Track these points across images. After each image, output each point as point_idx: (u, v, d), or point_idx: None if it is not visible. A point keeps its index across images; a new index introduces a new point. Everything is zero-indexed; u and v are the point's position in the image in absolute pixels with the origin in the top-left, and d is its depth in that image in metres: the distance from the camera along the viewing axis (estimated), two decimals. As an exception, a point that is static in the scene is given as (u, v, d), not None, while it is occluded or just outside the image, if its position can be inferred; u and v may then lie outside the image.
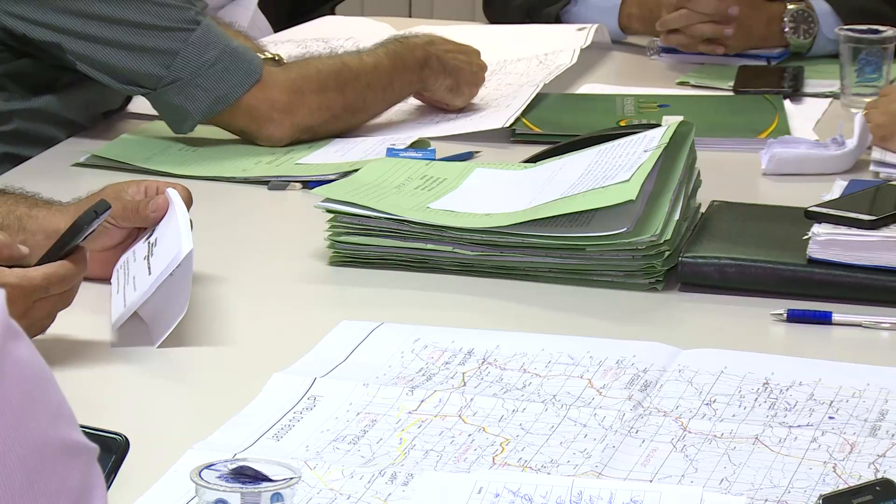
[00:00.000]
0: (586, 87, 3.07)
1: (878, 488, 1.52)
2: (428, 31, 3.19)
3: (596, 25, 3.22)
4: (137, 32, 2.58)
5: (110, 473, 1.41)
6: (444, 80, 2.80)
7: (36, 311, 1.93)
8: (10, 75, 2.63)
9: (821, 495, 1.53)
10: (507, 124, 2.77)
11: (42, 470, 1.10)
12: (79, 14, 2.57)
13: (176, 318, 2.02)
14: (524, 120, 2.80)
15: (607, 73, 3.18)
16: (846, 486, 1.74)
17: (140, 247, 2.10)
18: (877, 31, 2.95)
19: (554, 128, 2.76)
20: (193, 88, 2.59)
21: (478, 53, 2.89)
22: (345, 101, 2.70)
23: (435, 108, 2.84)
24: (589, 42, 3.16)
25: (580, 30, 3.20)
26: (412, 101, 2.88)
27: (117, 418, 1.46)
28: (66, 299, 1.98)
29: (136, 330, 2.04)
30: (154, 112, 2.73)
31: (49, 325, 1.96)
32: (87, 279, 2.02)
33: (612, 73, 3.18)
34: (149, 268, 2.03)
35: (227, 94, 2.60)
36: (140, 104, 2.78)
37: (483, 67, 2.87)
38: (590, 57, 3.17)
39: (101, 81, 2.63)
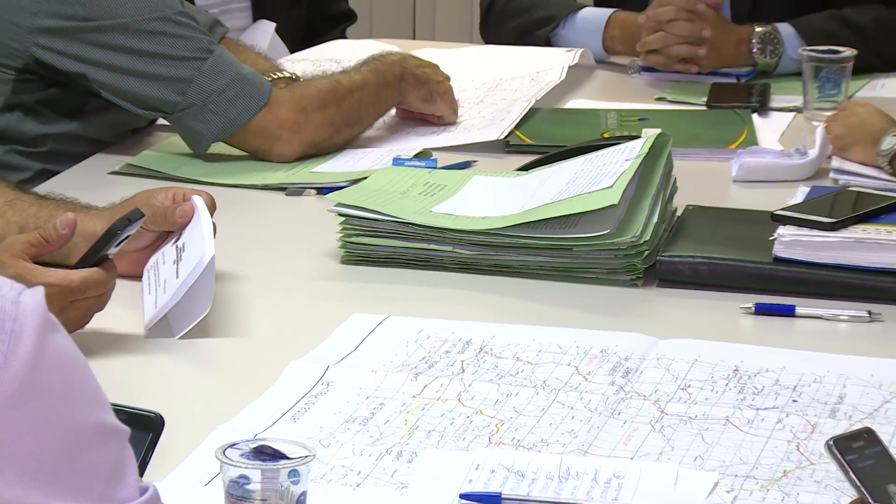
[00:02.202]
0: (573, 103, 3.07)
1: (865, 435, 1.52)
2: (428, 52, 3.20)
3: (582, 49, 3.21)
4: (155, 62, 2.58)
5: (150, 447, 1.41)
6: (418, 91, 2.81)
7: (72, 310, 1.93)
8: (42, 102, 2.63)
9: (829, 439, 1.53)
10: (502, 136, 2.77)
11: (79, 449, 1.09)
12: (102, 46, 2.57)
13: (200, 314, 2.03)
14: (517, 132, 2.80)
15: (592, 90, 3.17)
16: (812, 462, 1.73)
17: (168, 249, 2.10)
18: (836, 52, 2.95)
19: (544, 139, 2.76)
20: (207, 113, 2.59)
21: (438, 67, 2.90)
22: (343, 116, 2.70)
23: (425, 122, 2.83)
24: (576, 61, 3.16)
25: (568, 51, 3.20)
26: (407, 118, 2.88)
27: (150, 402, 1.45)
28: (100, 303, 1.98)
29: (166, 324, 2.05)
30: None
31: (84, 325, 1.97)
32: (121, 276, 2.02)
33: (597, 90, 3.18)
34: (177, 272, 2.04)
35: (237, 118, 2.60)
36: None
37: (447, 78, 2.88)
38: (576, 75, 3.17)
39: (124, 107, 2.63)
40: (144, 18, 2.58)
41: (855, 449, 1.46)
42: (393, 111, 2.87)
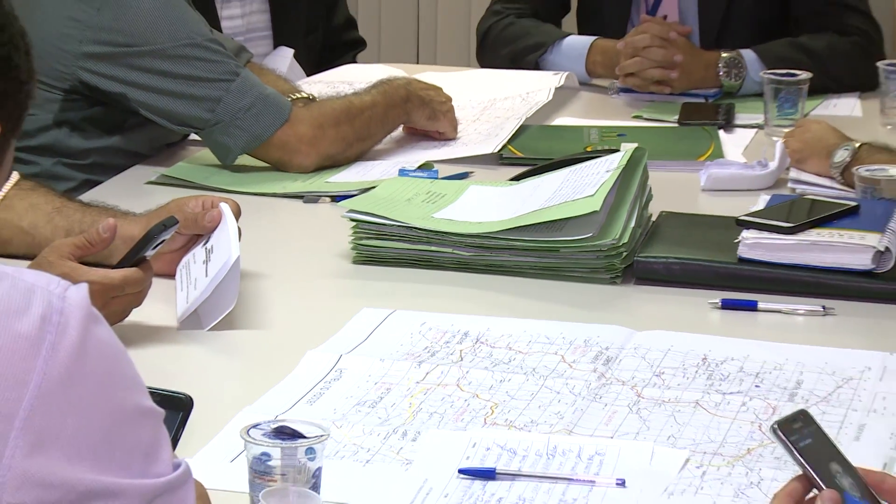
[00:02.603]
0: (560, 120, 3.06)
1: (801, 417, 1.52)
2: (431, 75, 3.20)
3: (567, 73, 3.21)
4: (188, 84, 2.58)
5: (181, 425, 1.41)
6: (423, 110, 2.81)
7: (113, 305, 1.93)
8: (87, 119, 2.63)
9: (774, 423, 1.53)
10: (496, 150, 2.76)
11: (120, 429, 1.09)
12: (141, 69, 2.57)
13: (227, 308, 2.03)
14: (510, 146, 2.80)
15: (576, 109, 3.17)
16: (772, 441, 1.73)
17: (199, 251, 2.10)
18: (794, 75, 2.95)
19: (534, 153, 2.76)
20: (234, 129, 2.59)
21: (441, 89, 2.90)
22: (355, 132, 2.70)
23: (428, 137, 2.83)
24: (561, 83, 3.16)
25: (555, 74, 3.20)
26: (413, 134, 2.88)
27: (181, 387, 1.45)
28: (138, 298, 1.98)
29: (196, 317, 2.05)
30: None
31: (124, 318, 1.97)
32: (156, 275, 2.02)
33: (580, 109, 3.17)
34: (206, 271, 2.05)
35: (261, 133, 2.60)
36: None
37: (449, 99, 2.88)
38: (562, 95, 3.16)
39: (160, 124, 2.63)
40: (179, 44, 2.58)
41: (795, 430, 1.46)
42: (400, 128, 2.87)
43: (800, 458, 1.42)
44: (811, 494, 1.39)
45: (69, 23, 2.55)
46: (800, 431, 1.45)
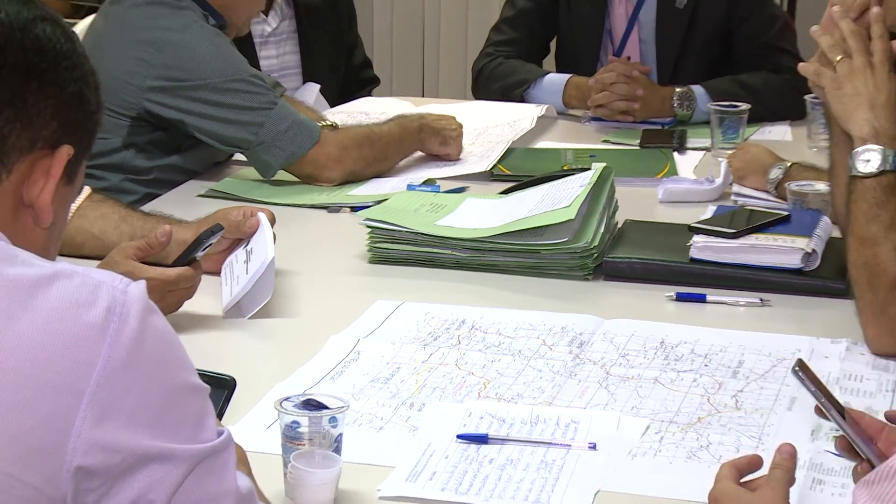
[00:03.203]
0: (541, 143, 3.06)
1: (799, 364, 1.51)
2: (434, 106, 3.20)
3: (547, 105, 3.20)
4: (235, 111, 2.57)
5: (225, 402, 1.40)
6: (435, 139, 2.80)
7: (169, 298, 1.92)
8: (150, 142, 2.63)
9: (794, 364, 1.48)
10: (488, 168, 2.76)
11: (172, 403, 1.09)
12: (195, 100, 2.57)
13: (263, 300, 2.03)
14: (500, 165, 2.79)
15: (555, 134, 3.16)
16: (719, 410, 1.72)
17: (240, 253, 2.11)
18: (735, 106, 2.95)
19: (519, 171, 2.75)
20: (274, 148, 2.58)
21: (454, 118, 2.89)
22: (374, 154, 2.70)
23: (438, 158, 2.82)
24: (542, 113, 3.15)
25: (537, 106, 3.19)
26: (420, 154, 2.86)
27: (226, 366, 1.45)
28: (190, 293, 1.98)
29: (238, 308, 2.04)
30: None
31: (177, 309, 1.97)
32: (205, 273, 2.02)
33: (558, 134, 3.17)
34: (247, 269, 2.05)
35: (296, 152, 2.59)
36: (240, 155, 2.76)
37: (459, 126, 2.87)
38: (543, 123, 3.16)
39: (211, 145, 2.62)
40: (227, 79, 2.57)
41: (805, 373, 1.46)
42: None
43: (816, 389, 1.42)
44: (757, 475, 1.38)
45: (136, 62, 2.55)
46: (808, 375, 1.46)
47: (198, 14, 2.60)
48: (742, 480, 1.36)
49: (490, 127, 3.05)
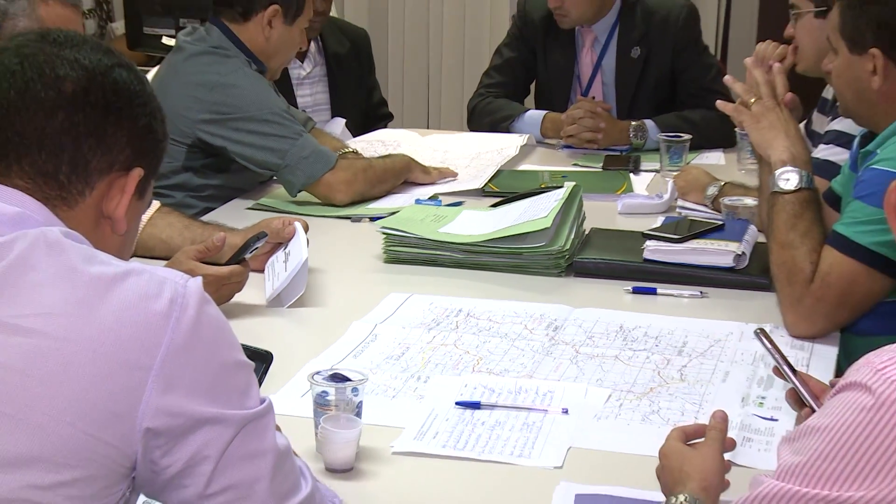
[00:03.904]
0: (523, 166, 3.04)
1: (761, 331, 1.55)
2: (439, 136, 3.19)
3: (528, 135, 3.19)
4: (267, 139, 2.55)
5: (264, 371, 1.40)
6: (417, 169, 2.76)
7: (222, 291, 1.92)
8: (204, 165, 2.61)
9: (756, 328, 1.57)
10: (481, 186, 2.74)
11: (223, 376, 1.08)
12: (237, 129, 2.55)
13: (299, 293, 2.01)
14: (490, 184, 2.78)
15: (534, 159, 3.15)
16: (667, 382, 1.71)
17: (280, 254, 2.10)
18: (679, 136, 2.95)
19: (506, 188, 2.74)
20: (296, 171, 2.56)
21: (431, 171, 2.83)
22: (376, 178, 2.67)
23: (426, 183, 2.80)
24: (524, 142, 3.13)
25: (520, 136, 3.17)
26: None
27: (267, 345, 1.44)
28: (239, 287, 1.98)
29: (278, 299, 2.03)
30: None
31: (229, 301, 1.97)
32: (252, 270, 2.02)
33: (537, 159, 3.15)
34: (286, 267, 2.04)
35: (313, 175, 2.56)
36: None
37: (436, 171, 2.81)
38: (525, 150, 3.14)
39: (249, 167, 2.61)
40: (262, 112, 2.55)
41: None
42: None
43: (773, 352, 1.43)
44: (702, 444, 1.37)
45: (191, 99, 2.54)
46: (767, 339, 1.46)
47: (242, 61, 2.58)
48: (688, 443, 1.35)
49: (482, 153, 3.04)
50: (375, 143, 3.12)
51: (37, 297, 1.02)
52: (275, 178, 2.67)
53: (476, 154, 3.03)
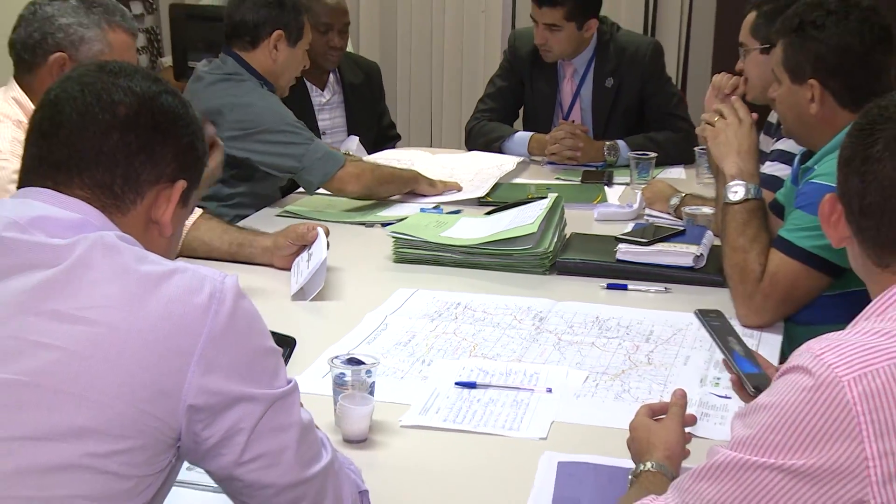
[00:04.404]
0: (515, 180, 3.02)
1: (715, 312, 1.52)
2: (445, 155, 3.18)
3: (521, 158, 3.16)
4: (284, 146, 2.54)
5: (289, 355, 1.39)
6: (424, 183, 2.74)
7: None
8: (231, 176, 2.59)
9: (696, 310, 1.55)
10: (483, 195, 2.73)
11: (255, 360, 1.07)
12: (258, 141, 2.53)
13: (318, 287, 2.01)
14: (487, 196, 2.76)
15: (524, 174, 3.13)
16: (636, 365, 1.71)
17: (304, 255, 2.10)
18: (646, 155, 2.94)
19: (498, 198, 2.73)
20: (313, 171, 2.54)
21: (436, 182, 2.80)
22: (383, 177, 2.65)
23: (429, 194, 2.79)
24: (517, 162, 3.12)
25: (515, 158, 3.15)
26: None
27: (293, 331, 1.43)
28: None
29: (302, 292, 2.02)
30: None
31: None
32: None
33: (525, 173, 3.14)
34: (308, 266, 2.03)
35: (328, 172, 2.55)
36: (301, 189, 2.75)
37: (442, 185, 2.79)
38: (518, 167, 3.13)
39: (271, 173, 2.59)
40: (277, 124, 2.54)
41: (710, 317, 1.44)
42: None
43: (710, 330, 1.41)
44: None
45: (217, 120, 2.51)
46: (712, 318, 1.43)
47: (254, 83, 2.58)
48: (654, 418, 1.35)
49: (483, 169, 3.03)
50: (392, 161, 3.11)
51: (95, 292, 1.01)
52: (295, 179, 2.66)
53: (479, 170, 3.03)
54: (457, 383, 1.63)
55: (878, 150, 1.11)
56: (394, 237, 2.27)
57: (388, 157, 3.15)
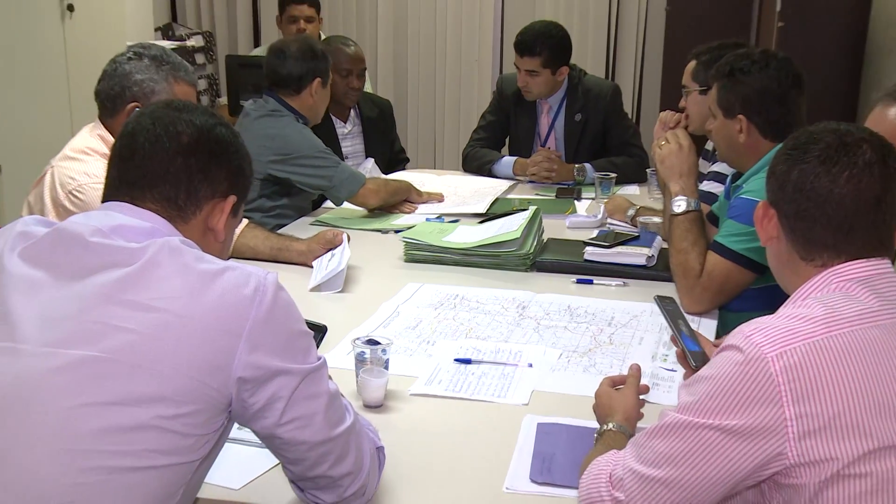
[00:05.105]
0: (504, 196, 3.01)
1: (669, 299, 1.49)
2: (450, 176, 3.15)
3: (512, 183, 3.13)
4: (317, 169, 2.52)
5: (320, 340, 1.38)
6: (414, 192, 2.73)
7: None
8: (273, 192, 2.57)
9: (655, 296, 1.51)
10: (484, 210, 2.68)
11: (291, 341, 1.06)
12: (295, 164, 2.52)
13: (336, 289, 1.99)
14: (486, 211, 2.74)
15: (509, 191, 3.12)
16: (600, 345, 1.70)
17: (327, 255, 2.08)
18: (608, 175, 2.93)
19: (490, 210, 2.70)
20: (341, 189, 2.54)
21: (422, 193, 2.78)
22: (392, 191, 2.64)
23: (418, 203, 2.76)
24: (509, 184, 3.10)
25: (506, 181, 3.12)
26: (436, 202, 2.81)
27: (324, 318, 1.42)
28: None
29: (328, 285, 2.00)
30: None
31: None
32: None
33: (511, 191, 3.12)
34: (327, 266, 2.02)
35: (353, 189, 2.54)
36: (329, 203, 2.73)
37: (428, 195, 2.78)
38: (503, 185, 3.11)
39: (305, 190, 2.58)
40: (311, 151, 2.52)
41: (666, 302, 1.43)
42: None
43: (664, 313, 1.40)
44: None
45: (261, 147, 2.50)
46: (667, 304, 1.43)
47: (291, 118, 2.57)
48: (615, 388, 1.35)
49: (481, 188, 3.01)
50: (411, 180, 3.09)
51: (163, 286, 1.01)
52: (325, 195, 2.65)
53: (477, 189, 3.02)
54: (455, 359, 1.62)
55: (811, 167, 1.11)
56: (404, 241, 2.25)
57: (406, 178, 3.14)
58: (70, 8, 3.26)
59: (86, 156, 1.85)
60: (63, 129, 3.26)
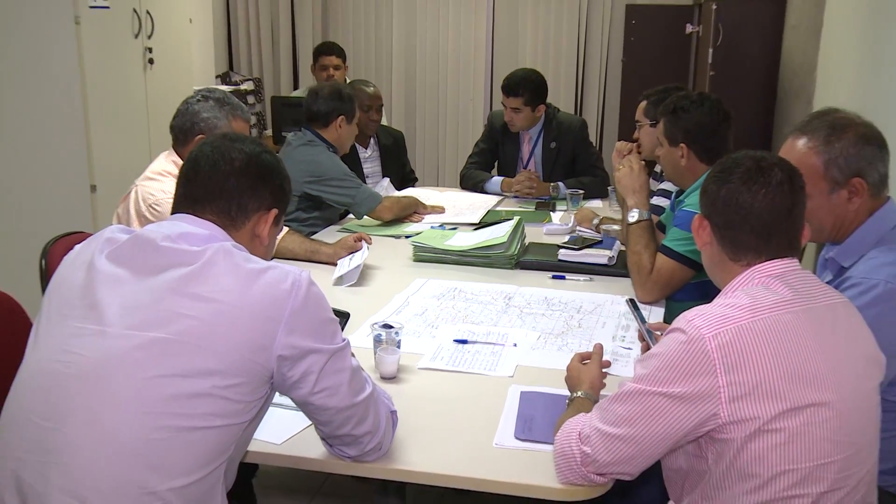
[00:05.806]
0: (494, 209, 3.00)
1: (631, 300, 1.48)
2: (451, 192, 3.13)
3: (501, 198, 3.12)
4: (344, 190, 2.51)
5: (344, 325, 1.37)
6: (420, 206, 2.71)
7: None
8: (307, 206, 2.55)
9: (627, 298, 1.50)
10: (479, 220, 2.68)
11: (321, 326, 1.05)
12: (325, 185, 2.50)
13: (351, 281, 1.97)
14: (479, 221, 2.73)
15: (498, 205, 3.11)
16: (571, 328, 1.69)
17: (348, 256, 2.07)
18: (577, 191, 2.92)
19: (483, 220, 2.69)
20: (362, 205, 2.52)
21: (426, 205, 2.74)
22: (403, 206, 2.63)
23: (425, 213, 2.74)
24: (497, 199, 3.09)
25: (496, 196, 3.12)
26: (438, 214, 2.79)
27: (346, 306, 1.42)
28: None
29: (340, 280, 1.99)
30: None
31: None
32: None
33: (499, 204, 3.11)
34: (349, 264, 2.00)
35: (371, 206, 2.53)
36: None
37: (431, 207, 2.75)
38: (493, 201, 3.10)
39: (333, 206, 2.57)
40: (339, 174, 2.51)
41: (633, 302, 1.43)
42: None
43: (634, 313, 1.40)
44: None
45: (299, 171, 2.48)
46: (633, 304, 1.43)
47: (324, 147, 2.56)
48: (582, 362, 1.34)
49: (476, 203, 3.00)
50: (421, 197, 3.08)
51: (219, 281, 1.01)
52: (350, 211, 2.65)
53: (472, 203, 3.01)
54: (455, 340, 1.62)
55: (735, 186, 1.13)
56: (413, 245, 2.25)
57: (415, 193, 3.13)
58: (150, 61, 3.49)
59: (162, 177, 1.89)
60: (143, 156, 3.37)
